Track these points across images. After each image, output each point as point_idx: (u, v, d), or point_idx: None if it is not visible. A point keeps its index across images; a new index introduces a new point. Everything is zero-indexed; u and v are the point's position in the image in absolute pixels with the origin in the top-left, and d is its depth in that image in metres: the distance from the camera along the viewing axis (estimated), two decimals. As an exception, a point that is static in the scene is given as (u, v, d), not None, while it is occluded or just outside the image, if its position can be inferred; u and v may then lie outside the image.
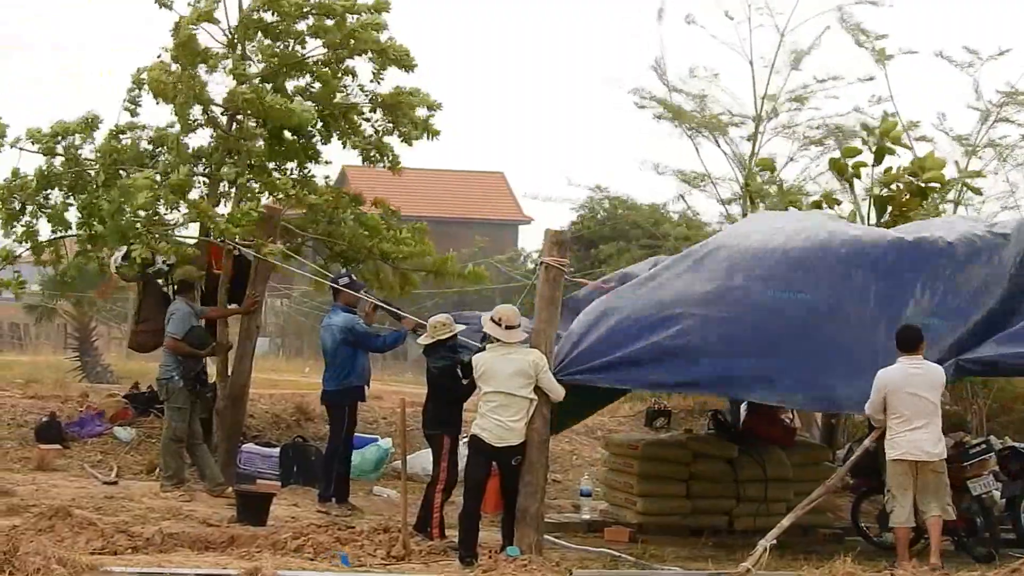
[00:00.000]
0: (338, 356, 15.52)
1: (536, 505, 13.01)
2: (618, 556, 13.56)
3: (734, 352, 13.15)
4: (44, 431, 18.83)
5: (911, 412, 12.62)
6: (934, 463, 12.74)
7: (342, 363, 15.50)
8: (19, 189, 17.23)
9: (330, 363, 15.67)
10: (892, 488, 12.86)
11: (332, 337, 15.53)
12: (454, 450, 13.88)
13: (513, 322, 12.96)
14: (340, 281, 15.84)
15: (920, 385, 12.66)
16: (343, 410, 15.63)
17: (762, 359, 13.11)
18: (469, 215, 61.11)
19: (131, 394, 20.58)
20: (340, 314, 15.60)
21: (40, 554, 10.67)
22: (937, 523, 12.73)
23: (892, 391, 12.67)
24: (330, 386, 15.70)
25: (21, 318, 44.56)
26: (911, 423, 12.63)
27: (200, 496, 15.66)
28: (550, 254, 13.20)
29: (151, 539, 12.57)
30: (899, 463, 12.75)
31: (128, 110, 17.45)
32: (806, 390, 13.22)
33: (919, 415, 12.64)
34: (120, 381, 26.27)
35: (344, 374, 15.54)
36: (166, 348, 16.46)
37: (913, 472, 12.73)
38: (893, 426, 12.70)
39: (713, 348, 13.17)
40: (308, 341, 48.46)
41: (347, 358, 15.50)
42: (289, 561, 12.15)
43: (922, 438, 12.63)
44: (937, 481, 12.77)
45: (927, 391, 12.68)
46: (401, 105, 17.48)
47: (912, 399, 12.62)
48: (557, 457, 19.24)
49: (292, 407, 21.14)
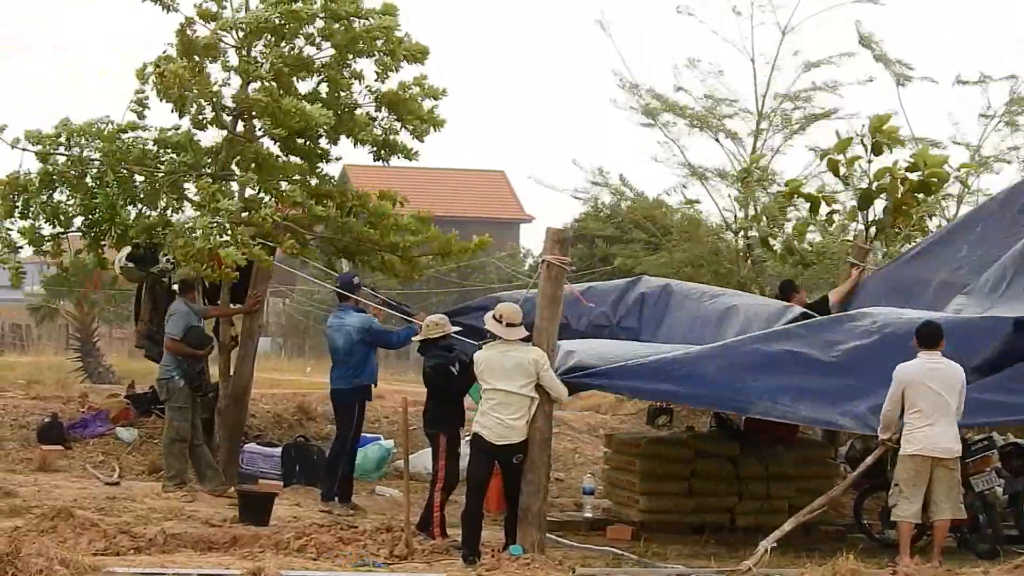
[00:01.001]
0: (353, 355, 15.56)
1: (538, 503, 13.02)
2: (621, 554, 13.56)
3: (742, 369, 13.22)
4: (46, 432, 18.84)
5: (929, 407, 12.56)
6: (949, 460, 12.70)
7: (357, 363, 15.56)
8: (22, 189, 17.21)
9: (342, 362, 15.71)
10: (900, 482, 12.79)
11: (347, 337, 15.55)
12: (453, 449, 13.89)
13: (514, 320, 12.96)
14: (354, 280, 15.92)
15: (939, 380, 12.60)
16: (353, 409, 15.66)
17: (763, 375, 13.18)
18: (470, 214, 61.09)
19: (132, 394, 20.58)
20: (353, 314, 15.65)
21: (42, 555, 10.67)
22: (945, 524, 12.72)
23: (910, 385, 12.60)
24: (342, 385, 15.73)
25: (23, 319, 44.59)
26: (928, 419, 12.57)
27: (202, 496, 15.66)
28: (551, 252, 13.21)
29: (153, 540, 12.57)
30: (914, 458, 12.68)
31: (135, 112, 17.39)
32: (808, 406, 13.19)
33: (937, 411, 12.58)
34: (122, 382, 26.21)
35: (357, 373, 15.59)
36: (166, 348, 16.47)
37: (928, 469, 12.70)
38: (911, 421, 12.61)
39: (722, 363, 13.28)
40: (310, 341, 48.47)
41: (362, 357, 15.57)
42: (292, 561, 12.16)
43: (940, 434, 12.58)
44: (951, 480, 12.74)
45: (945, 389, 12.61)
46: (406, 102, 17.46)
47: (931, 394, 12.57)
48: (559, 455, 19.23)
49: (294, 407, 21.13)
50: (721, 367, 13.26)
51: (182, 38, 16.80)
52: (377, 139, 17.57)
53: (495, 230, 55.40)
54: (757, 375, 13.11)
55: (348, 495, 15.75)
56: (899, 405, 12.65)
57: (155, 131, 17.39)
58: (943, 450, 12.63)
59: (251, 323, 17.53)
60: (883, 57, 21.26)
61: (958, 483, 12.82)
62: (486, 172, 66.78)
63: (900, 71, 21.10)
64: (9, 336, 45.64)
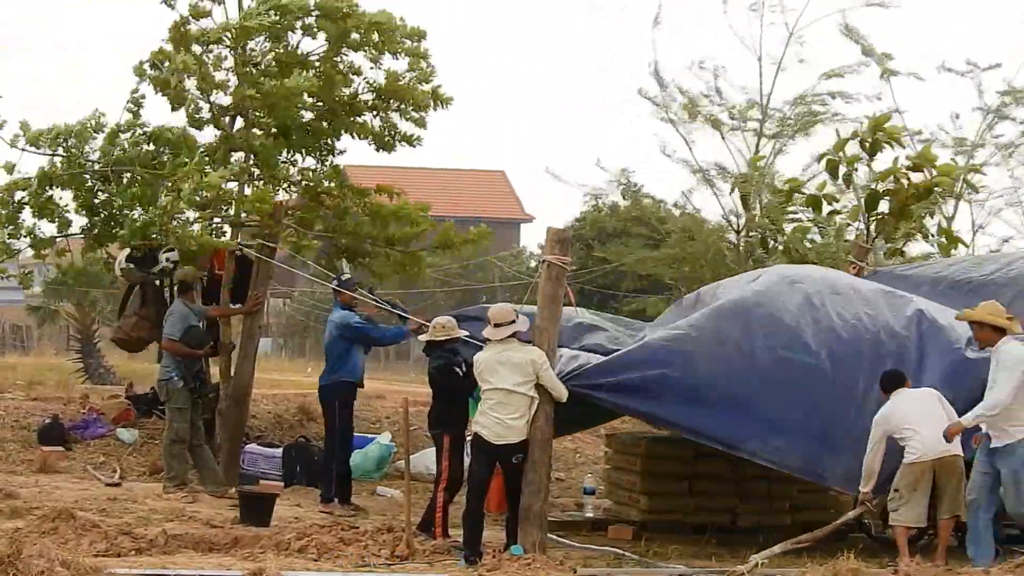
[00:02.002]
0: (333, 351, 15.64)
1: (539, 503, 13.01)
2: (622, 554, 13.55)
3: (738, 402, 13.26)
4: (47, 433, 18.84)
5: (918, 420, 12.68)
6: (951, 460, 12.70)
7: (337, 358, 15.61)
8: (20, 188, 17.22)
9: (327, 358, 15.84)
10: (900, 488, 12.81)
11: (329, 333, 15.71)
12: (456, 449, 13.87)
13: (501, 319, 12.96)
14: (343, 277, 15.98)
15: (915, 401, 12.82)
16: (333, 405, 15.67)
17: (763, 414, 13.23)
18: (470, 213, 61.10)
19: (133, 395, 20.58)
20: (338, 311, 15.70)
21: (43, 556, 10.66)
22: (948, 524, 12.74)
23: (891, 416, 12.78)
24: (322, 381, 15.84)
25: (24, 320, 44.58)
26: (920, 428, 12.66)
27: (203, 497, 15.66)
28: (552, 252, 13.21)
29: (154, 541, 12.58)
30: (914, 466, 12.71)
31: (131, 111, 17.44)
32: (800, 454, 13.29)
33: (926, 419, 12.68)
34: (122, 383, 26.22)
35: (335, 368, 15.62)
36: (163, 349, 16.48)
37: (930, 474, 12.71)
38: (905, 439, 12.73)
39: (720, 393, 13.29)
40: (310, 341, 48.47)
41: (341, 353, 15.61)
42: (293, 562, 12.16)
43: (935, 438, 12.61)
44: (955, 480, 12.73)
45: (926, 404, 12.79)
46: (403, 91, 17.44)
47: (915, 411, 12.74)
48: (560, 455, 19.23)
49: (295, 407, 21.15)
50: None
51: (174, 35, 16.81)
52: (375, 131, 17.54)
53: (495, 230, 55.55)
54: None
55: (348, 496, 15.75)
56: (882, 447, 12.79)
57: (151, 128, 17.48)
58: (943, 449, 12.65)
59: (251, 324, 17.54)
60: (870, 50, 21.22)
61: (962, 483, 12.82)
62: (486, 172, 66.79)
63: (886, 65, 21.06)
64: (10, 337, 45.65)
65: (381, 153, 18.01)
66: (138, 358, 26.59)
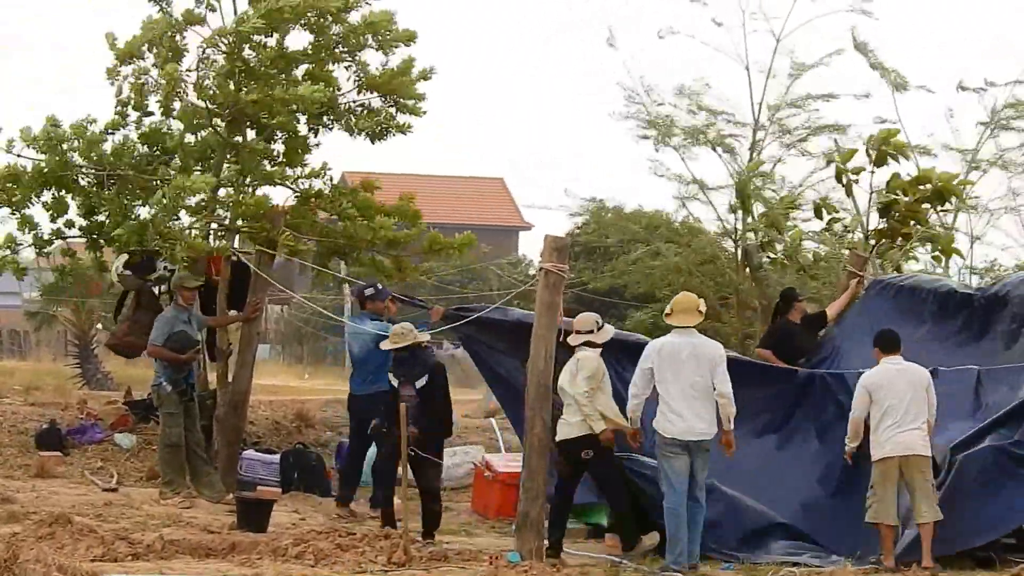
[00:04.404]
0: (371, 361, 15.48)
1: (537, 510, 13.02)
2: (619, 561, 13.55)
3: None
4: (44, 438, 18.84)
5: (899, 409, 12.80)
6: (919, 461, 12.79)
7: (377, 368, 15.24)
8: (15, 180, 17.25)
9: (359, 368, 15.86)
10: (875, 485, 12.93)
11: (363, 344, 15.62)
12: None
13: (576, 327, 13.34)
14: (366, 292, 15.96)
15: (906, 381, 12.89)
16: (371, 416, 15.44)
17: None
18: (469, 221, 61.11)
19: (131, 401, 20.58)
20: (368, 322, 15.69)
21: (40, 561, 10.68)
22: (928, 528, 12.76)
23: (876, 389, 12.90)
24: (360, 391, 15.76)
25: (21, 325, 44.60)
26: (897, 421, 12.78)
27: (200, 503, 15.65)
28: (550, 260, 13.21)
29: (151, 546, 12.56)
30: (884, 462, 12.85)
31: (119, 113, 17.53)
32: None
33: (907, 412, 12.80)
34: (120, 388, 26.24)
35: (374, 379, 15.28)
36: (147, 354, 16.51)
37: (896, 471, 12.81)
38: (879, 426, 12.86)
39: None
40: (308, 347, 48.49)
41: (383, 363, 14.96)
42: (290, 568, 12.16)
43: (906, 435, 12.76)
44: (923, 481, 12.81)
45: (911, 389, 12.87)
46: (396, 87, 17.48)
47: (899, 396, 12.83)
48: (557, 462, 19.19)
49: (292, 413, 21.15)
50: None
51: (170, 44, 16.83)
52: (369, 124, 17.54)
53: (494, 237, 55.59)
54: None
55: (348, 500, 15.78)
56: (865, 411, 12.96)
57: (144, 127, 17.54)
58: (911, 449, 12.76)
59: (250, 330, 17.53)
60: (879, 65, 21.27)
61: (932, 485, 12.87)
62: (485, 179, 66.81)
63: (897, 80, 21.11)
64: (7, 342, 45.68)
65: (377, 145, 18.03)
66: (136, 364, 26.61)
